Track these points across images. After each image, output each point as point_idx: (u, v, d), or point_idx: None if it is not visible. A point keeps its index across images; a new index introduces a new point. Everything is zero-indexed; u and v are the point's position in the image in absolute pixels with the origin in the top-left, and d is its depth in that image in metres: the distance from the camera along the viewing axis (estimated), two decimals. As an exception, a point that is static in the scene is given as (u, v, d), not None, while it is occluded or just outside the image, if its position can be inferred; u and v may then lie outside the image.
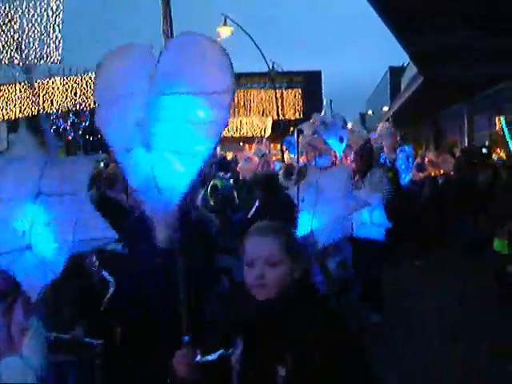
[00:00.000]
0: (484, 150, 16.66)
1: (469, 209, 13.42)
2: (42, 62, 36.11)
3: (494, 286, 9.16)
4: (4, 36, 35.36)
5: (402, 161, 14.85)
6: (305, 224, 6.05)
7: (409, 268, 13.04)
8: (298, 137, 9.33)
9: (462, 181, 14.16)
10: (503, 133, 15.70)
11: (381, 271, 9.62)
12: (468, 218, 13.58)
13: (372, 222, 7.41)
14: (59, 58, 36.85)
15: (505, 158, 21.67)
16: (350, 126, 76.07)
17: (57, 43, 35.53)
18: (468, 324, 9.14)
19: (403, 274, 12.27)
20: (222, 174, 14.56)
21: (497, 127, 25.86)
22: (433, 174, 15.01)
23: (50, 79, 42.77)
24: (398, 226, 8.49)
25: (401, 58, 22.30)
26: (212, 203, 11.13)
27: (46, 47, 35.43)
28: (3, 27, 34.99)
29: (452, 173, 15.07)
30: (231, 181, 13.63)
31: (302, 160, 12.25)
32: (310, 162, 12.07)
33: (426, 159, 15.33)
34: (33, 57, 35.32)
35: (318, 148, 12.21)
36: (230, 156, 38.73)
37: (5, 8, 34.98)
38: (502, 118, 15.39)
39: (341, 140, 11.43)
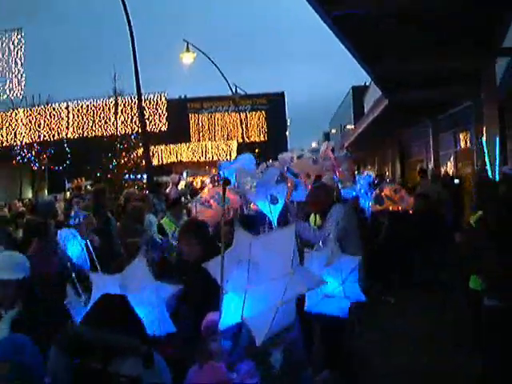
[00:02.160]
0: (456, 181, 16.71)
1: (438, 241, 12.95)
2: (4, 96, 35.89)
3: (468, 321, 8.96)
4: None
5: (364, 188, 14.01)
6: (232, 311, 4.60)
7: (376, 304, 11.54)
8: (224, 188, 6.40)
9: (431, 213, 13.62)
10: (479, 149, 15.49)
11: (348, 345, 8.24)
12: (436, 251, 13.11)
13: (345, 295, 5.77)
14: (22, 93, 36.65)
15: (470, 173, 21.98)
16: (314, 145, 75.45)
17: (19, 77, 35.34)
18: (442, 363, 9.03)
19: (370, 310, 10.50)
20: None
21: (461, 145, 26.20)
22: (390, 208, 13.78)
23: (13, 111, 42.43)
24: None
25: (363, 76, 22.53)
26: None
27: (8, 82, 35.23)
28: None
29: (411, 211, 14.01)
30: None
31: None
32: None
33: (383, 193, 13.88)
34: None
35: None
36: (198, 181, 38.73)
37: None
38: (483, 140, 15.34)
39: (273, 201, 8.53)
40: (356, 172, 19.62)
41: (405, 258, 13.40)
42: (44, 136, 42.52)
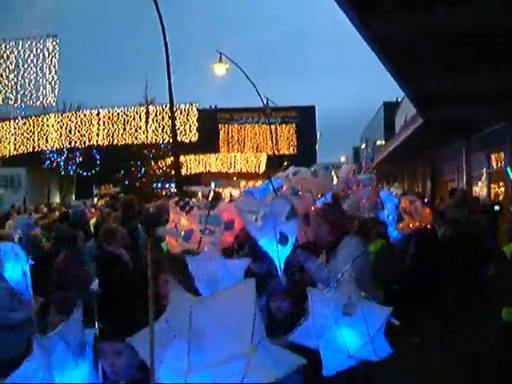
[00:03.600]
0: (496, 207, 16.20)
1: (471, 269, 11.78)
2: (38, 103, 36.04)
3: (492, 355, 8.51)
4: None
5: (392, 214, 11.79)
6: None
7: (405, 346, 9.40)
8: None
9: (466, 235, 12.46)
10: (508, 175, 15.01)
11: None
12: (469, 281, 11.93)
13: (375, 354, 4.30)
14: (55, 99, 36.82)
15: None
16: (342, 159, 75.44)
17: (53, 84, 35.50)
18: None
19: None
20: None
21: (494, 165, 25.85)
22: (411, 225, 11.63)
23: (44, 116, 42.70)
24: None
25: (395, 92, 22.18)
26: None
27: (41, 88, 35.40)
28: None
29: (429, 226, 12.06)
30: None
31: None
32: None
33: (400, 206, 11.79)
34: (28, 98, 35.31)
35: None
36: (227, 192, 38.58)
37: (0, 48, 35.06)
38: (508, 169, 14.89)
39: (283, 241, 6.36)
40: (386, 188, 19.04)
41: (434, 290, 11.53)
42: (74, 142, 42.79)
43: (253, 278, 3.29)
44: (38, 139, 42.51)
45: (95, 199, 38.84)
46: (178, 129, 34.90)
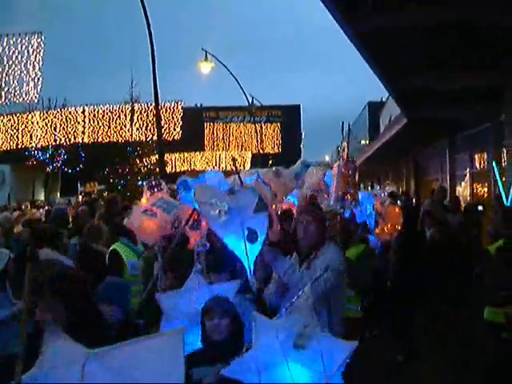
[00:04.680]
0: (480, 208, 16.12)
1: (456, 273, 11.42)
2: (20, 99, 35.73)
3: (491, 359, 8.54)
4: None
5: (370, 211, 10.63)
6: None
7: (387, 365, 9.41)
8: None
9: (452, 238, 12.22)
10: (493, 173, 15.07)
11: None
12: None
13: None
14: (37, 97, 36.53)
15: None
16: (327, 158, 75.59)
17: (36, 81, 35.20)
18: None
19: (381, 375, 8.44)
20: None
21: (477, 165, 25.91)
22: (385, 229, 10.66)
23: (29, 113, 42.48)
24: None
25: (379, 92, 22.26)
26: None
27: (25, 85, 35.11)
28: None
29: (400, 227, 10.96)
30: None
31: None
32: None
33: (375, 209, 10.68)
34: (12, 94, 35.03)
35: None
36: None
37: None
38: (494, 163, 14.97)
39: (251, 238, 5.26)
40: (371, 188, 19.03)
41: (421, 295, 10.56)
42: (59, 139, 42.59)
43: (182, 330, 2.72)
44: (23, 136, 42.30)
45: (80, 197, 38.73)
46: (163, 127, 34.82)
